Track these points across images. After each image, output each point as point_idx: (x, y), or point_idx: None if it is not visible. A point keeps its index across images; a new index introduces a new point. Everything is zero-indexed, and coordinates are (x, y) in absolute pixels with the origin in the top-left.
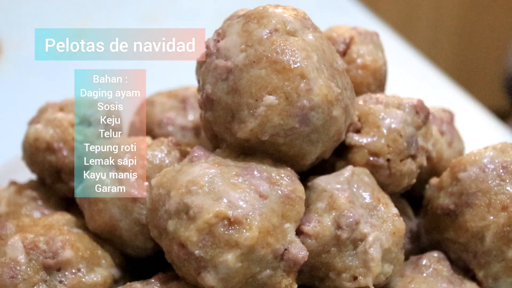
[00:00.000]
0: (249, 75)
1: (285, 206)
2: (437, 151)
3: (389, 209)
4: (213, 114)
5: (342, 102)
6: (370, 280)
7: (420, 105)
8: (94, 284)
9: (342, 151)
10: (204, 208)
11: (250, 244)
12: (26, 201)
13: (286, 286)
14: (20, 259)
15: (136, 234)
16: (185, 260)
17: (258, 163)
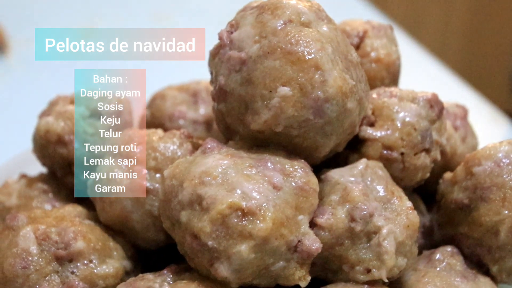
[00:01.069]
0: (263, 66)
1: (298, 198)
2: (451, 146)
3: (403, 203)
4: (226, 105)
5: (356, 94)
6: (383, 273)
7: (435, 99)
8: (106, 276)
9: (355, 144)
10: (217, 199)
11: (263, 235)
12: (37, 194)
13: (300, 278)
14: (32, 249)
15: (148, 226)
16: (198, 251)
17: (271, 155)
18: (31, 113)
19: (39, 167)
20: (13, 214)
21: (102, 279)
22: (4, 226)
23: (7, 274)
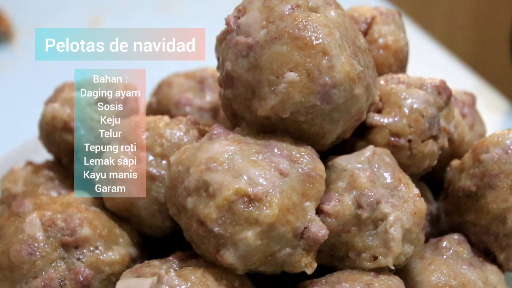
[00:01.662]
0: (270, 51)
1: (305, 184)
2: (459, 134)
3: (410, 190)
4: (233, 91)
5: (364, 80)
6: (390, 260)
7: (443, 86)
8: (112, 262)
9: (362, 131)
10: (224, 185)
11: (270, 222)
12: (43, 181)
13: (306, 265)
14: (38, 236)
15: (154, 213)
16: (204, 238)
17: (278, 141)
18: (37, 101)
19: (45, 155)
20: (19, 201)
21: (108, 266)
22: (10, 213)
23: (13, 260)
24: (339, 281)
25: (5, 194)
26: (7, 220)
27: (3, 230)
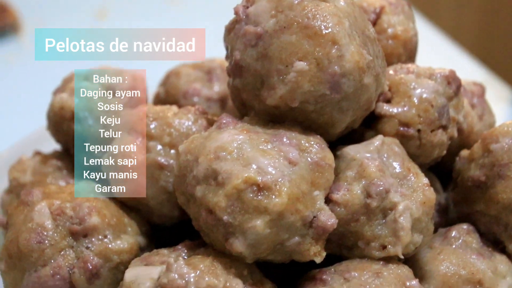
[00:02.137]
0: (279, 40)
1: (314, 174)
2: (468, 124)
3: (420, 179)
4: (241, 81)
5: (373, 70)
6: (399, 249)
7: (452, 76)
8: (121, 251)
9: (371, 121)
10: (233, 173)
11: (279, 210)
12: (51, 171)
13: (315, 253)
14: (47, 224)
15: (162, 202)
16: (213, 226)
17: (287, 130)
18: (44, 91)
19: (53, 145)
20: (28, 190)
21: (116, 254)
22: (19, 202)
23: (22, 249)
24: (348, 270)
25: (14, 183)
26: (16, 209)
27: (12, 219)
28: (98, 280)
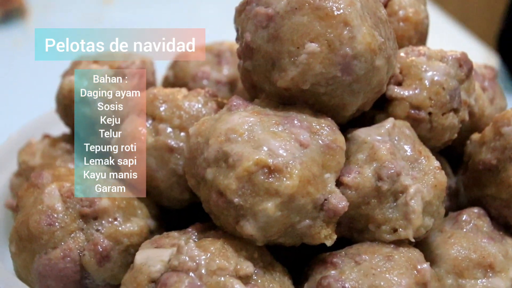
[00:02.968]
0: (290, 22)
1: (325, 156)
2: (479, 107)
3: (431, 162)
4: (252, 63)
5: (385, 52)
6: (410, 232)
7: (464, 58)
8: (131, 233)
9: (382, 103)
10: (243, 156)
11: (290, 193)
12: (60, 154)
13: (326, 236)
14: (57, 207)
15: (172, 185)
16: (224, 209)
17: (298, 112)
18: (53, 75)
19: (62, 128)
20: (38, 172)
21: (126, 237)
22: (29, 184)
23: (33, 231)
24: (359, 253)
25: (23, 166)
26: (26, 191)
27: (22, 201)
28: (108, 262)
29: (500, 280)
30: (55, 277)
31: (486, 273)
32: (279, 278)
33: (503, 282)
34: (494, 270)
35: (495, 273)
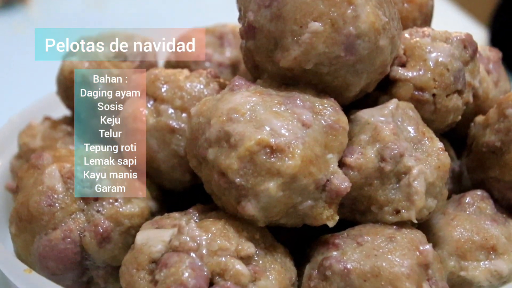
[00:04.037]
0: (293, 0)
1: (328, 136)
2: (483, 90)
3: (434, 143)
4: (255, 42)
5: (389, 32)
6: (413, 213)
7: (469, 39)
8: (132, 215)
9: (386, 85)
10: (245, 135)
11: (292, 173)
12: (61, 136)
13: (328, 217)
14: (57, 187)
15: (173, 166)
16: (225, 189)
17: (300, 92)
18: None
19: (62, 111)
20: (38, 153)
21: (127, 218)
22: (29, 165)
23: (33, 212)
24: (361, 234)
25: (24, 148)
26: (26, 172)
27: (22, 182)
28: (109, 243)
29: (503, 262)
30: (55, 258)
31: (489, 255)
32: (280, 259)
33: (505, 264)
34: (497, 252)
35: (498, 255)
